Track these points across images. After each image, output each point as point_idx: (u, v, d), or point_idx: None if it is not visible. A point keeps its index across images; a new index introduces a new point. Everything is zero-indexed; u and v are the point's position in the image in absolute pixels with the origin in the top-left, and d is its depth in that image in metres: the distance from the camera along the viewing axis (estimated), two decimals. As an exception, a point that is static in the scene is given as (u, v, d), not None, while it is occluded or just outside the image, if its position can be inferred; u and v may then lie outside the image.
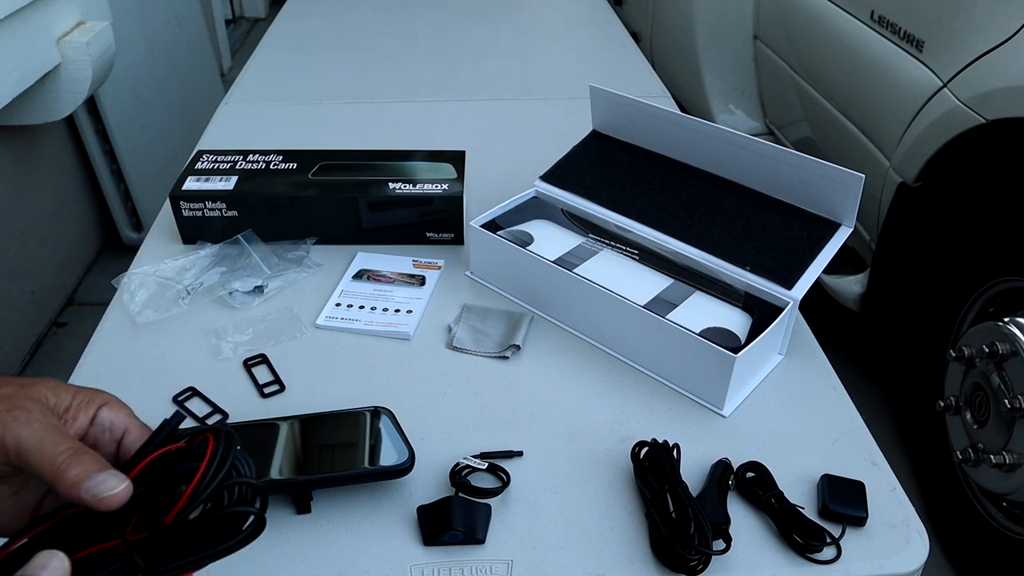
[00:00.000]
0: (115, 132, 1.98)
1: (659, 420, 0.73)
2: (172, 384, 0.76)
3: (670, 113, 0.90)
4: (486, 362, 0.80)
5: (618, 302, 0.78)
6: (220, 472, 0.40)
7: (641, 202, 0.91)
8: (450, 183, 0.97)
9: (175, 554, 0.39)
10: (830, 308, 1.56)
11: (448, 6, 1.94)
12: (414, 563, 0.60)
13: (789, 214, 0.83)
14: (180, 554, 0.40)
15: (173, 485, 0.41)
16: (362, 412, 0.68)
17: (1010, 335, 1.11)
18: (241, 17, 4.06)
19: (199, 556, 0.40)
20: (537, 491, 0.66)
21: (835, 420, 0.74)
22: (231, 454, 0.41)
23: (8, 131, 1.68)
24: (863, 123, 1.49)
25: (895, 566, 0.61)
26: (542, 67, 1.59)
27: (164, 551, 0.39)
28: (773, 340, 0.78)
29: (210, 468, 0.40)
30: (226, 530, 0.40)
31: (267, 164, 1.00)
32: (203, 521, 0.40)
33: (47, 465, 0.39)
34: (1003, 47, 1.15)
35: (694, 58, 2.13)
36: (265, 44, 1.71)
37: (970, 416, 1.21)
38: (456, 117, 1.36)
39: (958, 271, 1.28)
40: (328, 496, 0.65)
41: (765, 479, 0.65)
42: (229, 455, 0.41)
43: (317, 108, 1.39)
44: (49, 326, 1.88)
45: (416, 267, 0.93)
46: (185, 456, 0.41)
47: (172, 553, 0.39)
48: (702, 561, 0.59)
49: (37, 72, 1.52)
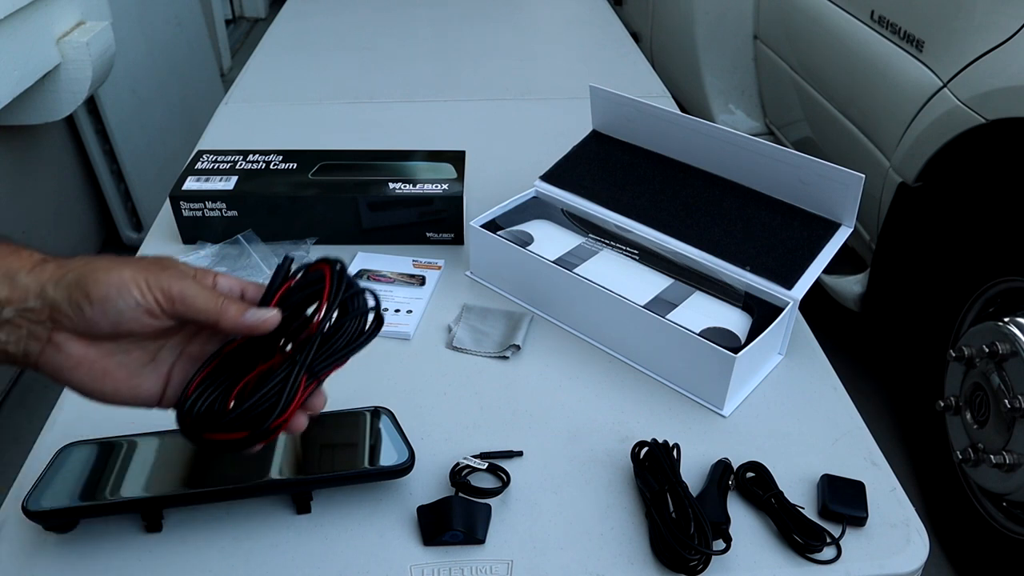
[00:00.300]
0: (115, 132, 1.98)
1: (659, 420, 0.73)
2: (172, 384, 0.76)
3: (670, 113, 0.90)
4: (486, 362, 0.80)
5: (618, 302, 0.78)
6: (342, 285, 0.50)
7: (641, 202, 0.91)
8: (450, 183, 0.97)
9: (325, 355, 0.49)
10: (830, 308, 1.55)
11: (448, 6, 1.94)
12: (414, 563, 0.60)
13: (789, 214, 0.83)
14: (328, 354, 0.49)
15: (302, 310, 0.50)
16: (362, 412, 0.68)
17: (1010, 335, 1.11)
18: (241, 17, 4.06)
19: (343, 353, 0.50)
20: (537, 491, 0.66)
21: (835, 420, 0.74)
22: (345, 274, 0.50)
23: (8, 131, 1.68)
24: (863, 123, 1.49)
25: (895, 566, 0.61)
26: (542, 67, 1.59)
27: (317, 354, 0.49)
28: (773, 340, 0.78)
29: (334, 283, 0.50)
30: (356, 329, 0.50)
31: (267, 164, 1.00)
32: (338, 326, 0.49)
33: (211, 307, 0.48)
34: (1003, 47, 1.15)
35: (694, 58, 2.13)
36: (265, 44, 1.71)
37: (970, 416, 1.21)
38: (456, 117, 1.36)
39: (958, 271, 1.28)
40: (328, 496, 0.65)
41: (765, 479, 0.65)
42: (344, 274, 0.50)
43: (317, 108, 1.39)
44: (49, 326, 1.87)
45: (416, 267, 0.93)
46: (305, 285, 0.51)
47: (323, 355, 0.49)
48: (702, 561, 0.59)
49: (37, 72, 1.52)
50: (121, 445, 0.65)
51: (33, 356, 0.47)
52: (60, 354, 0.47)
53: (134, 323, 0.47)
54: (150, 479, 0.62)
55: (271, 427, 0.47)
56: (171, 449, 0.65)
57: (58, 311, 0.46)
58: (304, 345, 0.49)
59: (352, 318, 0.50)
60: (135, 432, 0.66)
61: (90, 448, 0.64)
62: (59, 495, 0.60)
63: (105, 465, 0.63)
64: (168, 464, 0.63)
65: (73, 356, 0.47)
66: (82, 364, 0.47)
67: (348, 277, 0.51)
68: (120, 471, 0.62)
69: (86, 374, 0.48)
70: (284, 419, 0.48)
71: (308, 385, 0.48)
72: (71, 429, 0.70)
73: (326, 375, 0.50)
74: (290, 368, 0.48)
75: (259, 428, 0.47)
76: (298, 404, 0.48)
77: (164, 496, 0.61)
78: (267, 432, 0.47)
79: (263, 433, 0.47)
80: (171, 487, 0.61)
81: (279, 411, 0.47)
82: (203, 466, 0.63)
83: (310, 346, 0.49)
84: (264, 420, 0.47)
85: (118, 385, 0.49)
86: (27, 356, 0.47)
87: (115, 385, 0.49)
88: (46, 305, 0.46)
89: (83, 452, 0.64)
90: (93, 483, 0.61)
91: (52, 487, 0.61)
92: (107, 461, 0.63)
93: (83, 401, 0.74)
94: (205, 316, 0.48)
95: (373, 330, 0.51)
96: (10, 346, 0.46)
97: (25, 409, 1.65)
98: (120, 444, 0.65)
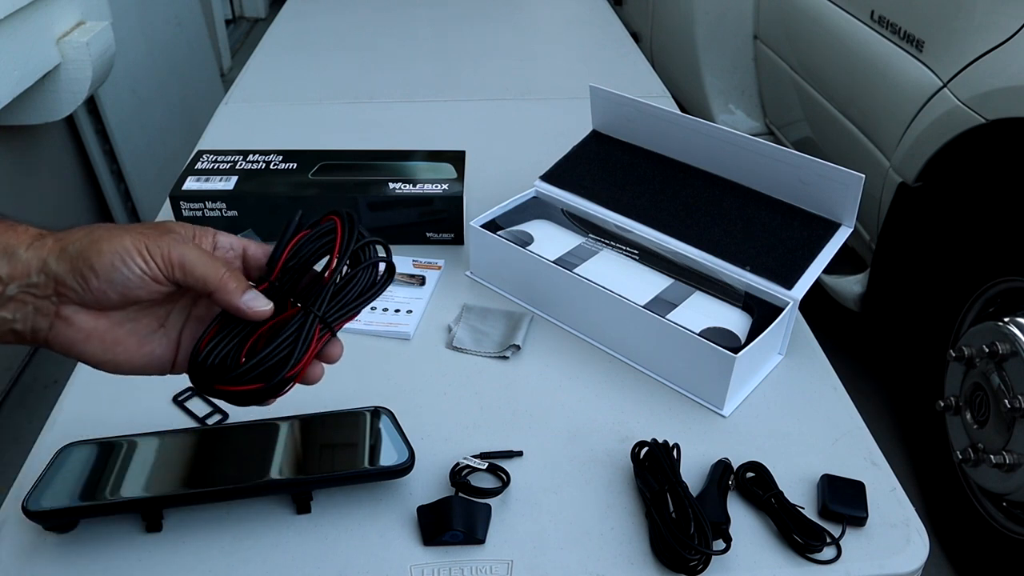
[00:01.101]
0: (115, 132, 1.98)
1: (659, 420, 0.73)
2: (172, 384, 0.76)
3: (670, 113, 0.90)
4: (486, 362, 0.80)
5: (618, 302, 0.78)
6: (354, 235, 0.50)
7: (641, 202, 0.91)
8: (450, 183, 0.97)
9: (338, 304, 0.50)
10: (830, 308, 1.55)
11: (448, 6, 1.94)
12: (414, 563, 0.60)
13: (789, 214, 0.83)
14: (341, 303, 0.50)
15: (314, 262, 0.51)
16: (362, 412, 0.68)
17: (1010, 335, 1.11)
18: (241, 17, 4.06)
19: (356, 303, 0.50)
20: (537, 491, 0.66)
21: (835, 420, 0.74)
22: (356, 224, 0.51)
23: (8, 131, 1.68)
24: (863, 123, 1.49)
25: (895, 566, 0.61)
26: (542, 67, 1.59)
27: (330, 304, 0.49)
28: (773, 340, 0.78)
29: (345, 234, 0.50)
30: (369, 279, 0.51)
31: (267, 164, 1.00)
32: (351, 277, 0.50)
33: (213, 277, 0.47)
34: (1003, 47, 1.15)
35: (694, 58, 2.13)
36: (265, 44, 1.71)
37: (970, 416, 1.21)
38: (456, 117, 1.36)
39: (958, 271, 1.28)
40: (328, 496, 0.65)
41: (765, 479, 0.65)
42: (355, 225, 0.51)
43: (317, 108, 1.39)
44: (49, 326, 1.88)
45: (416, 267, 0.93)
46: (316, 237, 0.51)
47: (336, 304, 0.50)
48: (702, 561, 0.59)
49: (37, 72, 1.52)
50: (121, 445, 0.65)
51: (42, 333, 0.46)
52: (70, 328, 0.46)
53: (141, 290, 0.46)
54: (150, 479, 0.62)
55: (285, 377, 0.48)
56: (171, 449, 0.65)
57: (63, 284, 0.45)
58: (317, 297, 0.49)
59: (364, 268, 0.51)
60: (135, 432, 0.66)
61: (90, 448, 0.64)
62: (59, 495, 0.60)
63: (105, 465, 0.63)
64: (168, 464, 0.63)
65: (84, 329, 0.47)
66: (93, 336, 0.47)
67: (359, 227, 0.51)
68: (120, 471, 0.62)
69: (97, 346, 0.47)
70: (298, 370, 0.48)
71: (322, 336, 0.49)
72: (71, 429, 0.70)
73: (339, 326, 0.51)
74: (304, 319, 0.48)
75: (273, 379, 0.47)
76: (312, 355, 0.49)
77: (164, 496, 0.61)
78: (281, 383, 0.48)
79: (277, 384, 0.48)
80: (171, 487, 0.61)
81: (293, 362, 0.48)
82: (203, 466, 0.63)
83: (323, 297, 0.49)
84: (278, 371, 0.47)
85: (130, 353, 0.49)
86: (36, 333, 0.46)
87: (127, 354, 0.49)
88: (50, 279, 0.45)
89: (83, 452, 0.64)
90: (93, 483, 0.61)
91: (52, 487, 0.61)
92: (107, 461, 0.63)
93: (83, 401, 0.75)
94: (203, 285, 0.47)
95: (385, 280, 0.52)
96: (17, 324, 0.46)
97: (25, 409, 1.65)
98: (120, 444, 0.65)
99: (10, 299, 0.45)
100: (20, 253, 0.45)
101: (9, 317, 0.46)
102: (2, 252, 0.45)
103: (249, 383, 0.48)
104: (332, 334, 0.50)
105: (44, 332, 0.46)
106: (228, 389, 0.48)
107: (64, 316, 0.46)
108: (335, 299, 0.50)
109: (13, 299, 0.45)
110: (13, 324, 0.46)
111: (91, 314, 0.47)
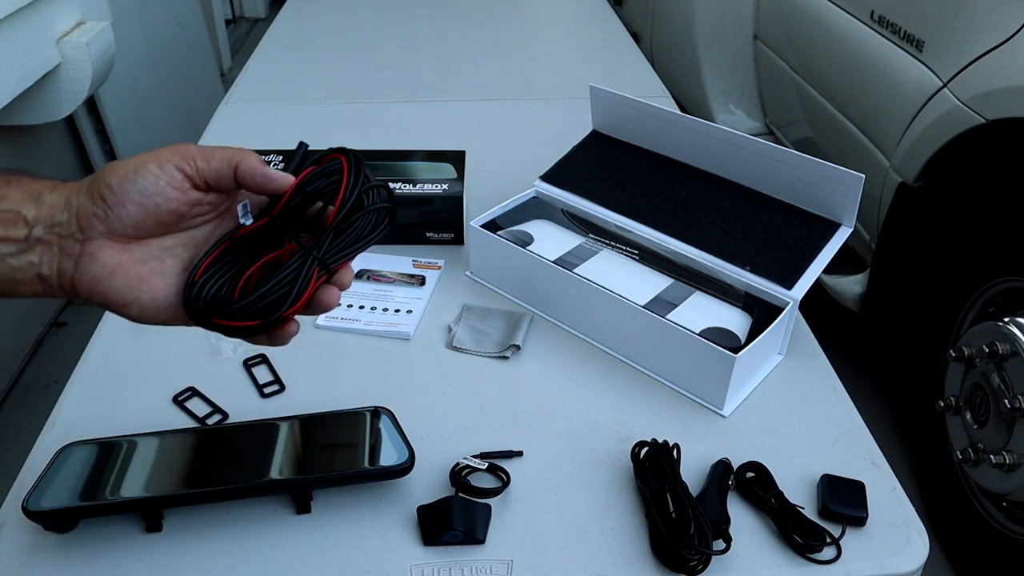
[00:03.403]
0: (115, 132, 1.98)
1: (659, 420, 0.73)
2: (172, 384, 0.76)
3: (670, 113, 0.90)
4: (486, 362, 0.80)
5: (618, 302, 0.78)
6: (359, 178, 0.50)
7: (641, 202, 0.91)
8: (450, 183, 0.97)
9: (338, 247, 0.50)
10: (830, 308, 1.55)
11: (448, 6, 1.94)
12: (414, 563, 0.60)
13: (789, 214, 0.83)
14: (341, 246, 0.50)
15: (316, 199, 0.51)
16: (362, 412, 0.68)
17: (1010, 335, 1.11)
18: (241, 17, 4.06)
19: (355, 246, 0.50)
20: (537, 491, 0.66)
21: (835, 420, 0.74)
22: (362, 166, 0.50)
23: (8, 131, 1.68)
24: (863, 123, 1.49)
25: (895, 566, 0.61)
26: (542, 67, 1.59)
27: (330, 246, 0.49)
28: (773, 340, 0.78)
29: (351, 176, 0.50)
30: (369, 224, 0.51)
31: (267, 164, 1.00)
32: (353, 220, 0.50)
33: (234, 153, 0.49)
34: (1003, 47, 1.15)
35: (694, 58, 2.13)
36: (265, 44, 1.71)
37: (970, 416, 1.21)
38: (456, 117, 1.36)
39: (958, 271, 1.28)
40: (328, 496, 0.65)
41: (765, 479, 0.65)
42: (361, 167, 0.50)
43: (317, 108, 1.39)
44: (49, 326, 1.88)
45: (416, 267, 0.93)
46: (321, 176, 0.50)
47: (335, 247, 0.50)
48: (702, 561, 0.59)
49: (37, 72, 1.52)
50: (121, 445, 0.65)
51: (68, 275, 0.47)
52: (95, 264, 0.47)
53: (159, 198, 0.47)
54: (150, 479, 0.62)
55: (283, 315, 0.48)
56: (171, 449, 0.65)
57: (85, 216, 0.46)
58: (317, 239, 0.49)
59: (366, 214, 0.50)
60: (135, 432, 0.66)
61: (90, 448, 0.64)
62: (59, 495, 0.60)
63: (105, 465, 0.63)
64: (168, 464, 0.63)
65: (108, 264, 0.47)
66: (117, 271, 0.47)
67: (365, 169, 0.51)
68: (120, 471, 0.62)
69: (122, 282, 0.48)
70: (295, 309, 0.49)
71: (319, 277, 0.49)
72: (71, 429, 0.70)
73: (337, 268, 0.51)
74: (304, 258, 0.49)
75: (269, 316, 0.48)
76: (308, 296, 0.49)
77: (164, 496, 0.61)
78: (278, 321, 0.48)
79: (275, 322, 0.48)
80: (171, 487, 0.61)
81: (291, 301, 0.48)
82: (203, 466, 0.63)
83: (325, 237, 0.49)
84: (275, 309, 0.48)
85: (154, 293, 0.49)
86: (62, 276, 0.47)
87: (151, 293, 0.49)
88: (72, 215, 0.46)
89: (83, 452, 0.64)
90: (93, 483, 0.61)
91: (52, 487, 0.61)
92: (107, 461, 0.63)
93: (83, 401, 0.75)
94: (228, 164, 0.48)
95: (386, 225, 0.52)
96: (44, 268, 0.47)
97: (25, 409, 1.65)
98: (120, 444, 0.65)
99: (37, 241, 0.46)
100: (45, 196, 0.47)
101: (35, 261, 0.46)
102: (29, 196, 0.46)
103: (247, 319, 0.48)
104: (329, 276, 0.50)
105: (69, 274, 0.47)
106: (225, 323, 0.48)
107: (89, 252, 0.47)
108: (335, 241, 0.50)
109: (40, 241, 0.46)
110: (40, 268, 0.47)
111: (115, 247, 0.47)
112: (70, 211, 0.46)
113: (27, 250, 0.46)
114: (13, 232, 0.46)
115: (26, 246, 0.46)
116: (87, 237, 0.47)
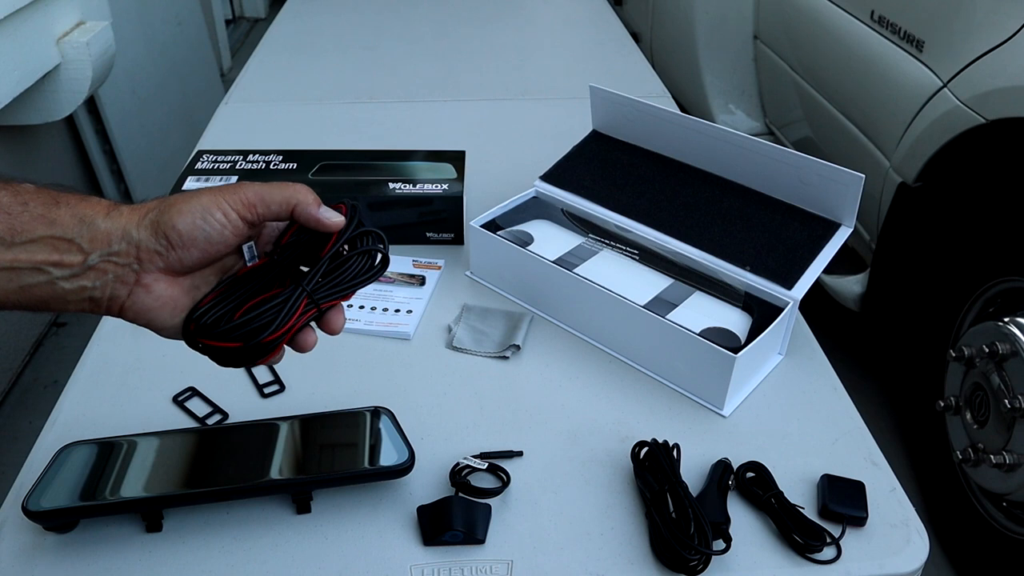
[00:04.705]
0: (115, 132, 1.98)
1: (659, 420, 0.73)
2: (172, 384, 0.76)
3: (670, 113, 0.90)
4: (486, 362, 0.80)
5: (618, 302, 0.78)
6: (354, 222, 0.53)
7: (641, 202, 0.91)
8: (450, 183, 0.97)
9: (328, 283, 0.52)
10: (830, 308, 1.55)
11: (448, 6, 1.94)
12: (414, 563, 0.60)
13: (789, 214, 0.83)
14: (331, 283, 0.52)
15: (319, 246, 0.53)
16: (362, 412, 0.68)
17: (1010, 335, 1.11)
18: (241, 17, 4.06)
19: (347, 286, 0.53)
20: (537, 491, 0.66)
21: (835, 420, 0.74)
22: (358, 211, 0.54)
23: (8, 131, 1.68)
24: (863, 123, 1.49)
25: (895, 566, 0.61)
26: (542, 67, 1.59)
27: (322, 281, 0.52)
28: (773, 340, 0.78)
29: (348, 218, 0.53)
30: (363, 265, 0.54)
31: (267, 164, 1.00)
32: (346, 259, 0.53)
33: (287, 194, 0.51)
34: (1003, 47, 1.15)
35: (694, 58, 2.13)
36: (265, 44, 1.71)
37: (970, 416, 1.21)
38: (456, 117, 1.36)
39: (958, 271, 1.28)
40: (328, 496, 0.65)
41: (765, 479, 0.65)
42: (357, 211, 0.54)
43: (317, 108, 1.39)
44: (49, 326, 1.88)
45: (416, 267, 0.93)
46: None
47: (327, 284, 0.52)
48: (702, 561, 0.59)
49: (37, 72, 1.52)
50: (121, 445, 0.65)
51: (119, 300, 0.48)
52: (149, 295, 0.49)
53: (221, 244, 0.49)
54: (150, 479, 0.62)
55: (264, 341, 0.50)
56: (171, 449, 0.65)
57: (146, 251, 0.47)
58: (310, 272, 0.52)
59: (359, 254, 0.53)
60: (135, 432, 0.66)
61: (90, 448, 0.64)
62: (59, 495, 0.60)
63: (105, 465, 0.63)
64: (168, 464, 0.63)
65: (162, 296, 0.49)
66: (167, 304, 0.50)
67: (361, 216, 0.54)
68: (120, 471, 0.62)
69: (169, 312, 0.50)
70: (276, 336, 0.50)
71: (308, 310, 0.51)
72: (71, 429, 0.71)
73: (328, 304, 0.53)
74: (292, 291, 0.51)
75: (251, 341, 0.50)
76: (294, 326, 0.51)
77: (164, 496, 0.61)
78: (259, 346, 0.50)
79: (255, 347, 0.50)
80: (171, 487, 0.61)
81: (273, 328, 0.50)
82: (203, 466, 0.63)
83: (315, 271, 0.52)
84: (258, 335, 0.50)
85: None
86: (112, 301, 0.48)
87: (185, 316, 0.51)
88: (132, 246, 0.47)
89: (83, 452, 0.64)
90: (93, 483, 0.61)
91: (52, 487, 0.61)
92: (107, 461, 0.63)
93: (83, 401, 0.75)
94: (286, 205, 0.51)
95: (379, 269, 0.55)
96: (96, 292, 0.48)
97: (25, 409, 1.65)
98: (120, 444, 0.65)
99: (91, 268, 0.47)
100: (99, 223, 0.47)
101: (89, 285, 0.47)
102: (80, 222, 0.47)
103: (229, 341, 0.50)
104: (318, 311, 0.52)
105: (121, 299, 0.48)
106: (209, 344, 0.50)
107: (144, 284, 0.48)
108: (328, 278, 0.52)
109: (94, 268, 0.47)
110: (92, 292, 0.48)
111: (168, 280, 0.49)
112: (129, 242, 0.47)
113: (80, 275, 0.47)
114: (68, 258, 0.47)
115: (80, 271, 0.47)
116: (144, 269, 0.48)
